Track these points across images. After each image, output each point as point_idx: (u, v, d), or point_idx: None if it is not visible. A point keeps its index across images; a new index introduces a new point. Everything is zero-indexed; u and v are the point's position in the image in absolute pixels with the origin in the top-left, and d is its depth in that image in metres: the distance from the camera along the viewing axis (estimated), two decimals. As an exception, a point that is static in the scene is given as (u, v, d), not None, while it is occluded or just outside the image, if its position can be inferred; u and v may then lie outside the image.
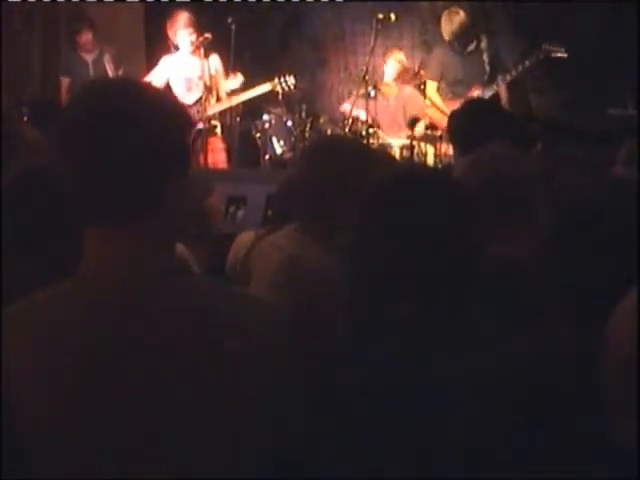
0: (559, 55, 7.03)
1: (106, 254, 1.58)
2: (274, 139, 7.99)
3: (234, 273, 3.10)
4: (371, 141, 7.49)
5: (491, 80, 7.25)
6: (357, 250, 2.12)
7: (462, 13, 7.34)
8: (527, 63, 7.07)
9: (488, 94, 7.21)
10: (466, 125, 4.15)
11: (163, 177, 1.56)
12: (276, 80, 7.39)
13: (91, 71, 8.22)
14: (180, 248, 2.66)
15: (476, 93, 7.26)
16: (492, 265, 2.17)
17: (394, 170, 2.57)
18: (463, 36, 7.36)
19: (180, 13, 7.35)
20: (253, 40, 7.79)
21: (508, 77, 7.16)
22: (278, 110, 8.10)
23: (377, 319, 2.02)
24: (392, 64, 8.13)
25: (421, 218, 1.98)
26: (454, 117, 4.47)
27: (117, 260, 1.57)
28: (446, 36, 7.45)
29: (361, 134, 7.78)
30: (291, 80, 7.38)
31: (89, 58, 8.27)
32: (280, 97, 7.66)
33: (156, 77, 7.43)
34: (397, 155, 7.36)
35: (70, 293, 1.59)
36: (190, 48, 7.34)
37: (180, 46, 7.43)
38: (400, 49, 8.57)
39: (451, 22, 7.35)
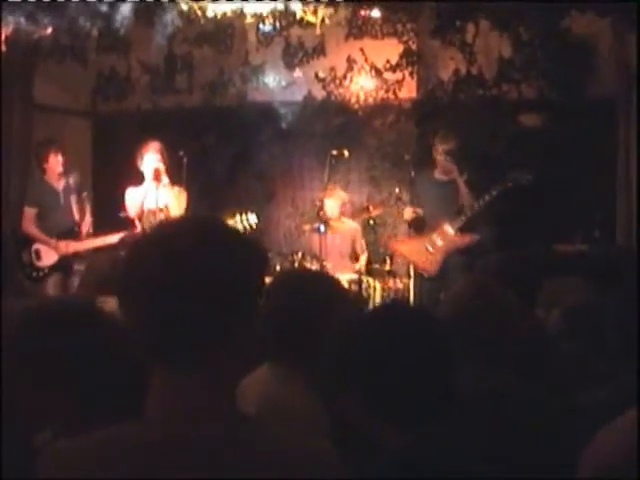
0: (525, 182, 7.12)
1: (170, 398, 1.54)
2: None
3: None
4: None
5: (459, 213, 7.30)
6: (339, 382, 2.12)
7: (453, 141, 7.42)
8: (493, 193, 7.14)
9: (456, 227, 7.25)
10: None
11: (231, 324, 1.52)
12: (237, 217, 7.31)
13: (61, 200, 7.95)
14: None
15: (445, 227, 7.29)
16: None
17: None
18: (452, 158, 7.39)
19: (151, 140, 7.32)
20: (203, 173, 7.79)
21: (476, 206, 7.21)
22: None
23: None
24: (332, 202, 8.15)
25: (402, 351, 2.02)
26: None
27: (180, 405, 1.53)
28: (436, 157, 7.49)
29: (309, 269, 7.76)
30: (253, 218, 7.31)
31: (59, 186, 7.99)
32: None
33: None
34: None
35: (130, 434, 1.54)
36: (152, 175, 7.23)
37: (145, 173, 7.33)
38: (347, 184, 8.67)
39: (446, 142, 7.42)
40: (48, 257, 7.73)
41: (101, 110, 10.02)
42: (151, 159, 7.23)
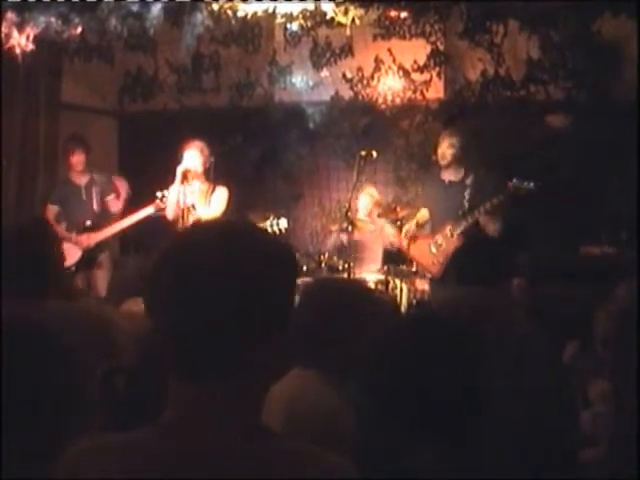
0: (528, 189, 7.03)
1: (187, 407, 1.51)
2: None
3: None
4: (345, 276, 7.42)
5: (464, 215, 7.22)
6: (371, 394, 2.09)
7: (458, 136, 7.35)
8: (495, 201, 7.05)
9: (458, 230, 7.18)
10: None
11: (257, 340, 1.49)
12: (268, 222, 7.28)
13: (84, 196, 8.07)
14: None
15: (449, 229, 7.23)
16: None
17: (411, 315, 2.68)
18: (456, 159, 7.32)
19: (193, 140, 7.24)
20: (230, 173, 7.78)
21: (476, 214, 7.13)
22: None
23: (393, 466, 1.98)
24: (364, 199, 8.17)
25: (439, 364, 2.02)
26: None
27: (197, 415, 1.50)
28: (440, 156, 7.42)
29: (337, 269, 7.75)
30: (283, 223, 7.28)
31: (81, 182, 8.13)
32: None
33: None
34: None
35: (146, 440, 1.52)
36: (180, 175, 7.16)
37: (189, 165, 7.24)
38: (374, 184, 8.64)
39: (447, 139, 7.34)
40: (71, 255, 7.71)
41: (128, 109, 10.04)
42: (187, 158, 7.18)
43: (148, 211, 7.54)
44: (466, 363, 2.04)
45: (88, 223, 7.94)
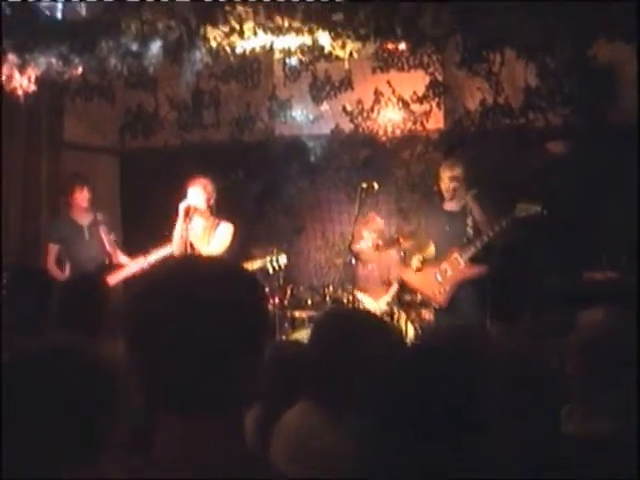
0: (533, 213, 7.02)
1: (179, 441, 1.53)
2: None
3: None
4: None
5: (470, 242, 7.21)
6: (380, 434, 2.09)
7: (459, 168, 7.36)
8: (503, 224, 7.06)
9: (466, 257, 7.17)
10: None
11: (235, 368, 1.53)
12: (267, 258, 7.28)
13: (86, 236, 7.90)
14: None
15: (455, 257, 7.22)
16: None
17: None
18: (456, 189, 7.33)
19: (197, 177, 7.22)
20: (231, 208, 7.78)
21: (485, 238, 7.12)
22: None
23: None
24: (368, 236, 8.09)
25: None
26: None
27: (189, 448, 1.51)
28: (442, 186, 7.43)
29: (341, 302, 7.74)
30: (282, 259, 7.28)
31: (84, 222, 7.95)
32: (270, 273, 7.51)
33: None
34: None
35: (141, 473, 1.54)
36: (183, 212, 7.15)
37: (191, 202, 7.24)
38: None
39: (453, 169, 7.35)
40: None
41: (129, 147, 10.08)
42: (190, 195, 7.17)
43: (167, 250, 7.42)
44: (472, 397, 2.03)
45: (106, 262, 7.72)
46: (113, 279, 7.63)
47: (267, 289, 8.12)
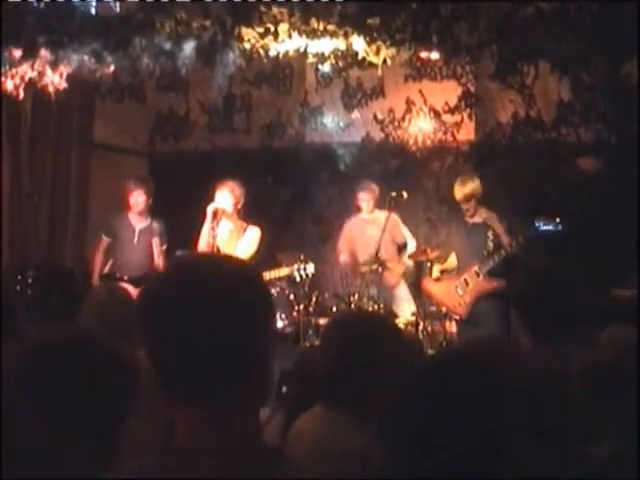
0: (553, 227, 6.95)
1: (195, 433, 1.55)
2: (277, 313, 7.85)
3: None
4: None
5: (490, 255, 7.15)
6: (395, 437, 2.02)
7: (476, 180, 7.30)
8: (520, 239, 7.00)
9: (485, 270, 7.12)
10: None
11: (245, 360, 1.55)
12: (295, 266, 7.22)
13: (135, 240, 7.84)
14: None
15: (474, 269, 7.16)
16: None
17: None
18: (473, 202, 7.27)
19: (227, 180, 7.18)
20: (260, 213, 7.76)
21: (504, 252, 7.07)
22: (282, 283, 7.99)
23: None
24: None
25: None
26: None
27: (206, 440, 1.54)
28: (458, 198, 7.37)
29: (367, 310, 7.68)
30: (310, 268, 7.22)
31: (137, 225, 7.87)
32: (297, 281, 7.46)
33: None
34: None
35: (163, 467, 1.55)
36: (211, 214, 7.12)
37: (219, 205, 7.21)
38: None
39: (465, 185, 7.29)
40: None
41: (159, 149, 10.09)
42: (218, 198, 7.14)
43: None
44: (494, 409, 1.97)
45: (140, 275, 7.57)
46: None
47: (292, 297, 8.14)
